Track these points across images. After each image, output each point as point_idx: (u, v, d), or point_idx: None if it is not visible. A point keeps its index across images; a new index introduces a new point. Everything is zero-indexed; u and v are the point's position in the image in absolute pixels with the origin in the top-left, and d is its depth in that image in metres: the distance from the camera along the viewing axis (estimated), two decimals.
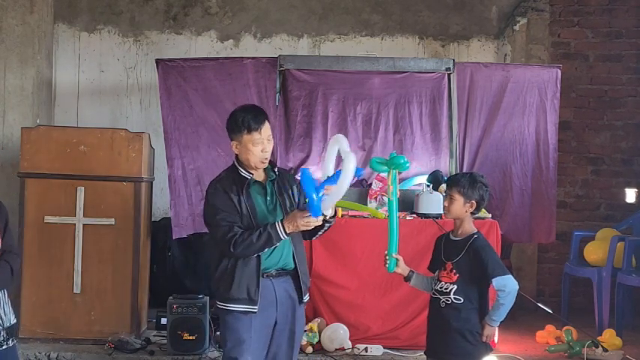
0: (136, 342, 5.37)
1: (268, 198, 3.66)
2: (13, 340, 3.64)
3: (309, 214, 3.45)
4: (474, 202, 3.78)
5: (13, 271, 3.63)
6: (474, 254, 3.74)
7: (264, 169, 3.71)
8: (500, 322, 3.81)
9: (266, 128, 3.63)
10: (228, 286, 3.58)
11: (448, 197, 3.82)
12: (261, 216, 3.60)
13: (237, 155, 3.68)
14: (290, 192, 3.72)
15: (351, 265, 5.52)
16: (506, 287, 3.69)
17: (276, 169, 3.73)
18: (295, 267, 3.68)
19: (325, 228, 3.66)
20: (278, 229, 3.49)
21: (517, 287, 3.74)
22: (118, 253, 5.56)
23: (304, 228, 3.52)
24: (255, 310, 3.56)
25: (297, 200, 3.74)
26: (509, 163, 6.19)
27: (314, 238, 3.76)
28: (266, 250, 3.55)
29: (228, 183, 3.63)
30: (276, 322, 3.64)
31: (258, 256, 3.57)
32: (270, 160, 3.69)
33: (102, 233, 5.55)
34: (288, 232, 3.51)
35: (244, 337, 3.57)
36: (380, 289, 5.47)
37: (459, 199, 3.78)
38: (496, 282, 3.70)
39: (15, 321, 3.69)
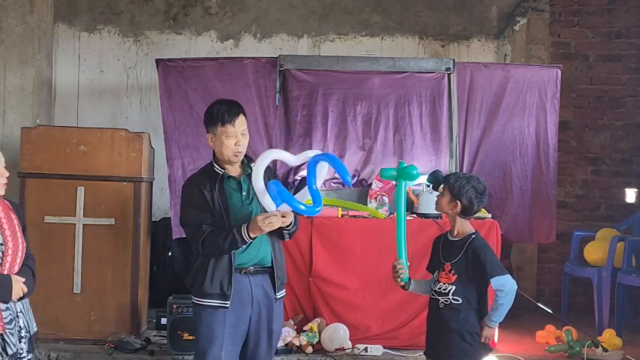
0: (136, 342, 5.37)
1: (244, 193, 3.66)
2: (30, 354, 3.49)
3: (268, 214, 3.48)
4: (458, 202, 3.76)
5: (35, 277, 3.57)
6: (472, 254, 3.74)
7: (242, 165, 3.72)
8: (500, 323, 3.81)
9: (240, 122, 3.65)
10: (202, 281, 3.60)
11: (443, 198, 3.82)
12: (233, 212, 3.61)
13: (214, 150, 3.71)
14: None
15: (351, 265, 5.52)
16: (504, 287, 3.68)
17: (252, 164, 3.72)
18: (272, 264, 3.68)
19: (286, 236, 3.68)
20: (243, 232, 3.49)
21: (515, 287, 3.73)
22: (118, 253, 5.56)
23: (268, 229, 3.51)
24: (227, 306, 3.57)
25: None
26: (509, 163, 6.19)
27: (282, 240, 3.75)
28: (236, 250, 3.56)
29: (202, 179, 3.66)
30: (250, 320, 3.63)
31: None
32: (247, 155, 3.71)
33: (102, 233, 5.55)
34: (252, 235, 3.50)
35: (217, 333, 3.58)
36: (380, 289, 5.47)
37: (445, 195, 3.79)
38: (494, 282, 3.69)
39: (36, 329, 3.60)
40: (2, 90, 6.45)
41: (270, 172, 3.80)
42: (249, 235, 3.51)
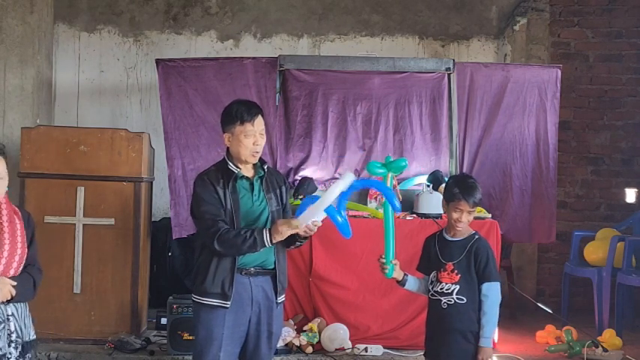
0: (136, 342, 5.37)
1: (255, 194, 3.67)
2: (29, 358, 3.47)
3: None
4: (476, 208, 3.83)
5: (36, 286, 3.53)
6: (476, 254, 3.75)
7: (254, 166, 3.73)
8: (500, 323, 3.81)
9: (259, 122, 3.66)
10: (203, 280, 3.60)
11: (466, 213, 3.77)
12: (244, 212, 3.61)
13: (228, 149, 3.71)
14: (278, 191, 3.74)
15: (351, 265, 5.52)
16: (489, 294, 3.71)
17: (265, 167, 3.74)
18: (275, 267, 3.68)
19: (296, 245, 3.71)
20: (265, 236, 3.50)
21: (500, 299, 3.77)
22: (118, 253, 5.56)
23: (288, 233, 3.53)
24: (227, 306, 3.57)
25: (284, 201, 3.76)
26: (509, 163, 6.18)
27: (288, 249, 3.77)
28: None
29: (215, 176, 3.66)
30: (250, 321, 3.63)
31: None
32: (260, 157, 3.72)
33: (102, 233, 5.55)
34: (274, 241, 3.52)
35: (216, 333, 3.58)
36: (380, 289, 5.47)
37: (472, 213, 3.79)
38: (485, 286, 3.73)
39: (35, 337, 3.55)
40: (2, 90, 6.45)
41: (281, 177, 3.84)
42: (271, 240, 3.51)
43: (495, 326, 3.78)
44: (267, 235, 3.50)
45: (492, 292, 3.73)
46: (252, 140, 3.63)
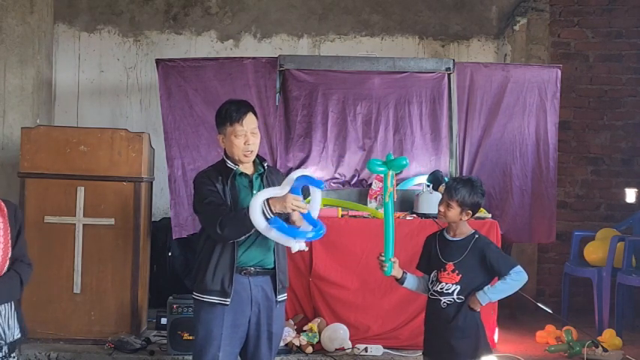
0: (136, 342, 5.37)
1: (254, 192, 3.66)
2: (14, 358, 3.42)
3: (300, 198, 3.50)
4: (470, 211, 3.80)
5: (22, 283, 3.44)
6: (479, 255, 3.75)
7: (254, 164, 3.73)
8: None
9: (249, 120, 3.67)
10: (203, 277, 3.60)
11: (445, 203, 3.81)
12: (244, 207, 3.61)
13: (225, 150, 3.72)
14: None
15: (351, 265, 5.52)
16: (512, 274, 3.74)
17: (265, 164, 3.75)
18: (275, 266, 3.68)
19: None
20: (264, 207, 3.46)
21: (527, 278, 3.79)
22: (118, 253, 5.57)
23: (290, 210, 3.49)
24: (227, 303, 3.56)
25: None
26: (509, 163, 6.19)
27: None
28: (252, 232, 3.51)
29: (214, 174, 3.67)
30: (250, 321, 3.64)
31: (233, 250, 3.58)
32: (258, 155, 3.73)
33: (102, 233, 5.55)
34: (274, 210, 3.47)
35: (215, 333, 3.59)
36: (380, 289, 5.47)
37: (456, 208, 3.78)
38: (512, 272, 3.76)
39: (20, 335, 3.48)
40: (2, 90, 6.45)
41: (280, 175, 3.84)
42: (270, 209, 3.46)
43: (501, 295, 3.79)
44: (267, 205, 3.46)
45: (516, 274, 3.75)
46: (242, 140, 3.64)
